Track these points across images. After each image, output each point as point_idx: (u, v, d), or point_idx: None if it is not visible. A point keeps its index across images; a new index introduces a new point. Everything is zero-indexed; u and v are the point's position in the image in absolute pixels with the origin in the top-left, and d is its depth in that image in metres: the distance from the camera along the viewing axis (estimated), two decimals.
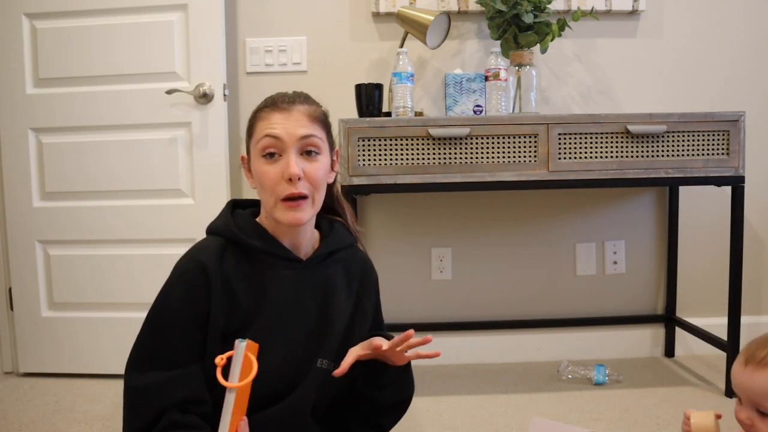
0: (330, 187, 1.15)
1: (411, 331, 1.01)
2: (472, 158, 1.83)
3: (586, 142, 1.85)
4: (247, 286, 1.03)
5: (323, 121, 1.08)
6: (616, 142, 1.85)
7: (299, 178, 1.01)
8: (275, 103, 1.04)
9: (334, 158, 1.12)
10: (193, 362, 0.99)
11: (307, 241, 1.10)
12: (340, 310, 1.10)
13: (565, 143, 1.84)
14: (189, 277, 1.01)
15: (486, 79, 1.97)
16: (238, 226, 1.06)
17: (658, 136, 1.85)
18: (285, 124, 1.01)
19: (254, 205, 1.15)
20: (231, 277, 1.02)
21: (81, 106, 2.11)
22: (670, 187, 2.27)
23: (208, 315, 1.00)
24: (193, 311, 0.99)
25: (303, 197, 1.02)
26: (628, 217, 2.32)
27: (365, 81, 2.01)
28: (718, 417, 0.94)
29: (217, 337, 1.00)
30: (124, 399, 1.00)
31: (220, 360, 0.93)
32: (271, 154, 1.01)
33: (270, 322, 1.03)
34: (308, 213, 1.04)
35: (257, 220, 1.10)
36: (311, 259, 1.09)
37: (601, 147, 1.85)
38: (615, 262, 2.32)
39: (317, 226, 1.15)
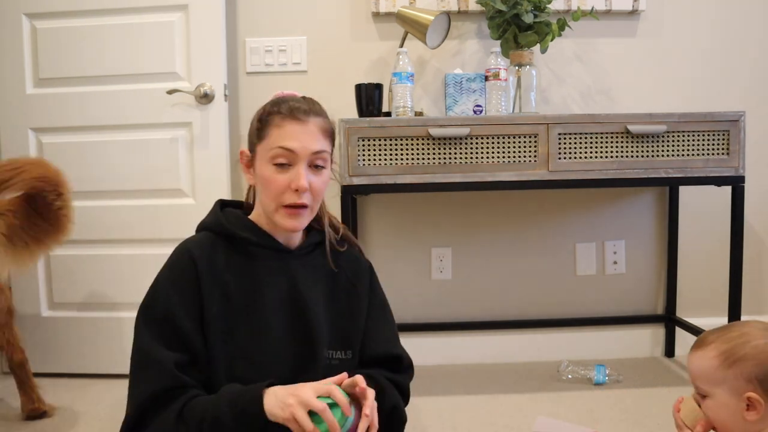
0: None
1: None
2: (472, 158, 1.83)
3: (586, 142, 1.85)
4: (239, 278, 1.06)
5: (332, 135, 1.12)
6: (616, 142, 1.85)
7: (305, 190, 1.05)
8: (292, 112, 1.05)
9: (333, 167, 1.16)
10: (187, 349, 1.00)
11: (297, 238, 1.15)
12: (334, 296, 1.14)
13: (565, 143, 1.84)
14: (179, 266, 1.04)
15: (486, 79, 1.97)
16: (228, 221, 1.10)
17: (658, 136, 1.85)
18: (300, 138, 1.04)
19: (242, 206, 1.19)
20: (221, 268, 1.05)
21: (81, 106, 2.11)
22: (670, 187, 2.27)
23: (201, 307, 1.02)
24: (184, 302, 1.01)
25: (304, 206, 1.06)
26: (628, 217, 2.32)
27: (365, 81, 2.01)
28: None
29: (216, 329, 1.02)
30: (131, 364, 1.01)
31: None
32: (282, 164, 1.04)
33: (267, 311, 1.06)
34: (306, 220, 1.09)
35: (249, 217, 1.14)
36: (300, 249, 1.13)
37: (601, 147, 1.85)
38: (615, 262, 2.32)
39: None
